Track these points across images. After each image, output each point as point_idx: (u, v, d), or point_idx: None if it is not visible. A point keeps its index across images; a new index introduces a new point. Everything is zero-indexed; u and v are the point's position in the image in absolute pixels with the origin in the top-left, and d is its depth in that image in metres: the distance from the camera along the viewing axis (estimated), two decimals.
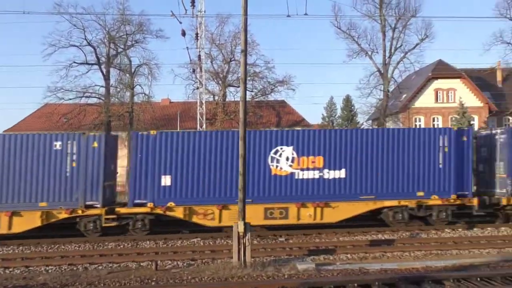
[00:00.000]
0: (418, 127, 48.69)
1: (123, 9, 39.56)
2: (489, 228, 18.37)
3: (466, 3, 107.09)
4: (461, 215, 19.21)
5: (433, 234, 17.68)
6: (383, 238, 16.98)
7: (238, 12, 13.25)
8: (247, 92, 41.66)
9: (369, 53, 44.50)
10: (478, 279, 10.90)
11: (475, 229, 18.38)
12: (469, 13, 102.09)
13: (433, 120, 50.70)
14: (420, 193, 18.24)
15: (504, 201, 18.67)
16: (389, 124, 49.48)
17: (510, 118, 50.77)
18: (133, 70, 40.91)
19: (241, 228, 12.56)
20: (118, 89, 41.06)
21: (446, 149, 18.36)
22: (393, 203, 18.12)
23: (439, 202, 18.32)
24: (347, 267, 12.62)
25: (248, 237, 12.64)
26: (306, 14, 14.65)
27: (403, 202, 18.21)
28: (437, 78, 50.75)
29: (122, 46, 40.44)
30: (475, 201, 18.44)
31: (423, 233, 17.75)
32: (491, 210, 19.30)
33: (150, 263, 13.42)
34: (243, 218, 12.74)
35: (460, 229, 18.31)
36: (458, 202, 18.44)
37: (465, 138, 18.63)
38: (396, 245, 15.63)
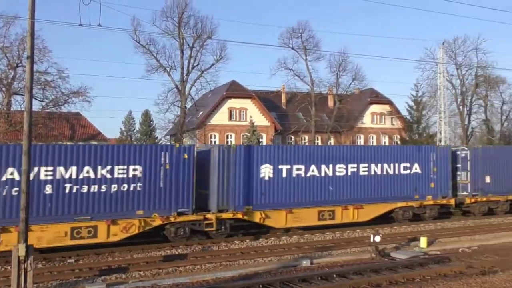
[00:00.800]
0: (213, 143, 51.02)
1: None
2: (272, 238, 20.07)
3: (258, 31, 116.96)
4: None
5: (223, 246, 18.58)
6: (176, 253, 17.24)
7: (26, 14, 12.17)
8: (37, 101, 38.77)
9: (168, 69, 45.24)
10: (261, 285, 11.83)
11: (260, 239, 19.89)
12: (259, 39, 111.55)
13: (227, 137, 53.76)
14: None
15: None
16: (186, 140, 50.77)
17: (292, 136, 56.72)
18: None
19: (22, 252, 11.39)
20: None
21: None
22: None
23: None
24: (139, 285, 12.50)
25: (30, 261, 11.53)
26: (99, 25, 14.09)
27: None
28: (231, 97, 54.12)
29: None
30: None
31: (214, 246, 18.55)
32: None
33: None
34: (25, 240, 11.61)
35: (248, 240, 19.62)
36: None
37: None
38: (189, 259, 16.02)
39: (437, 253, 16.48)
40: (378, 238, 16.10)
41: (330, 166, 21.40)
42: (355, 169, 21.93)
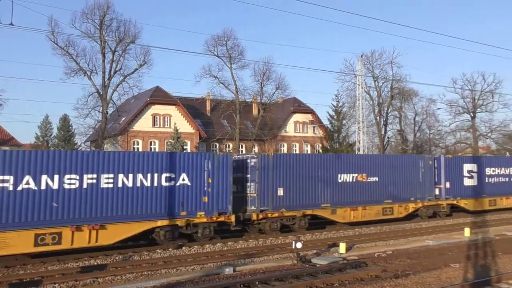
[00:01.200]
0: (136, 150, 49.90)
1: None
2: (195, 246, 19.88)
3: (183, 37, 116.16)
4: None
5: (145, 255, 18.16)
6: (95, 263, 16.61)
7: None
8: None
9: (88, 73, 43.77)
10: None
11: (183, 247, 19.64)
12: (182, 46, 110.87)
13: (151, 144, 52.78)
14: None
15: None
16: (108, 147, 49.24)
17: (217, 144, 56.74)
18: None
19: None
20: None
21: None
22: None
23: None
24: None
25: None
26: (12, 24, 13.39)
27: None
28: (154, 103, 53.28)
29: None
30: None
31: (136, 255, 18.08)
32: None
33: None
34: None
35: (170, 249, 19.30)
36: None
37: None
38: (109, 269, 15.50)
39: (355, 258, 17.11)
40: (299, 245, 16.42)
41: (56, 176, 17.02)
42: (94, 180, 17.76)
